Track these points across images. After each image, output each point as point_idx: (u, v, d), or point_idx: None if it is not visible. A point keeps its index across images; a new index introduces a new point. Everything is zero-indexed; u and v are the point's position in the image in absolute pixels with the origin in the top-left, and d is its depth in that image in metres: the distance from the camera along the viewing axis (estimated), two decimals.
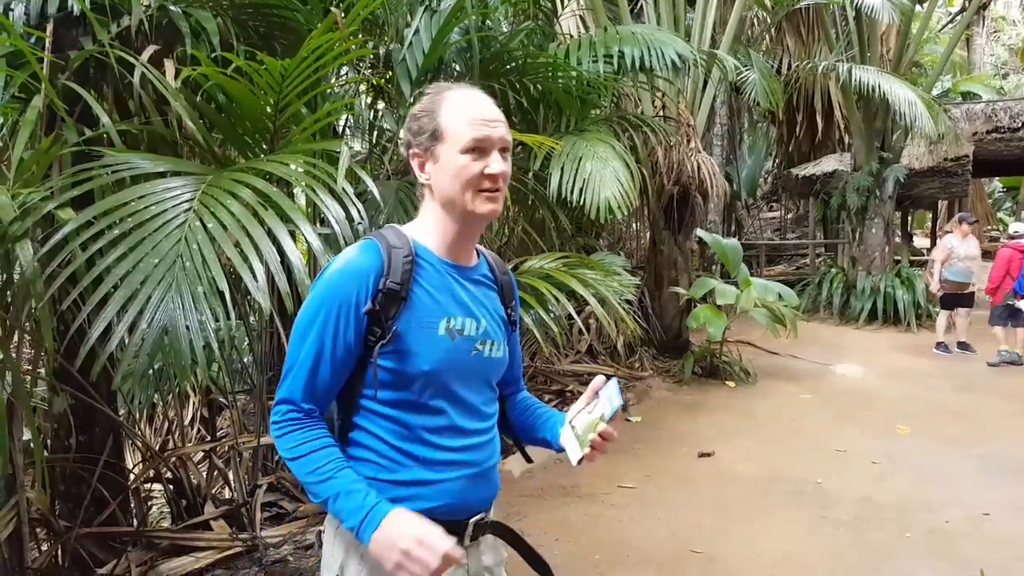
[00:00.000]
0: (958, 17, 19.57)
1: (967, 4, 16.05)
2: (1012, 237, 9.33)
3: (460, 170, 1.47)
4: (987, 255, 11.28)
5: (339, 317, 1.45)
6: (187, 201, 2.64)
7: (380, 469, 1.48)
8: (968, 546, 4.05)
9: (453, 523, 1.49)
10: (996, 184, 23.59)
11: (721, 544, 4.10)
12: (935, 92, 15.00)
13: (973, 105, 14.27)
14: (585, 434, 1.52)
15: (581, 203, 5.42)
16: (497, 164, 1.49)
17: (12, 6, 3.22)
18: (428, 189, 1.54)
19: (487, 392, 1.61)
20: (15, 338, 3.07)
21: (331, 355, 1.46)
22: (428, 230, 1.56)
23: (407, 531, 1.35)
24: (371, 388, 1.48)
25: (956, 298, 9.50)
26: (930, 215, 17.54)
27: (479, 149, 1.47)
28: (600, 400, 1.54)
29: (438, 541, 1.35)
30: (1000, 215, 23.12)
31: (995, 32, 26.99)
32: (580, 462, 1.52)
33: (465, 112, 1.49)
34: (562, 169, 5.48)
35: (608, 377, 1.59)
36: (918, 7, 12.34)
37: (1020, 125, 12.87)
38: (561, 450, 1.60)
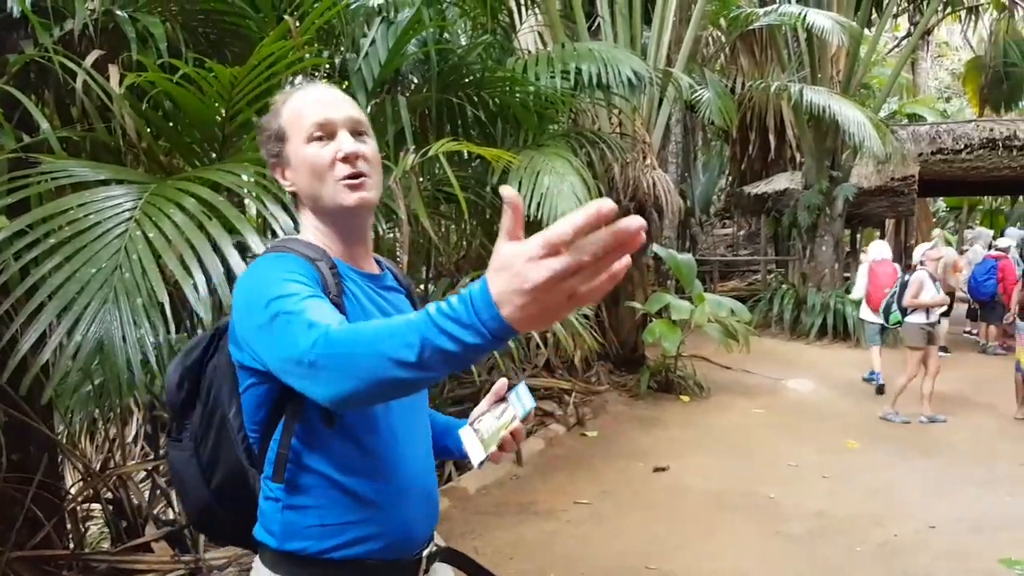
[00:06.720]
0: (904, 41, 20.21)
1: (912, 29, 16.58)
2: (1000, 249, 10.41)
3: (311, 162, 1.34)
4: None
5: (311, 284, 1.24)
6: (128, 210, 2.55)
7: (326, 513, 1.32)
8: (917, 560, 4.11)
9: (404, 563, 1.40)
10: (940, 204, 24.34)
11: (676, 560, 4.09)
12: (883, 113, 15.40)
13: (919, 127, 14.66)
14: (493, 435, 1.44)
15: (539, 217, 5.41)
16: (348, 143, 1.34)
17: None
18: (296, 198, 1.42)
19: (425, 405, 1.52)
20: None
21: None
22: (317, 241, 1.39)
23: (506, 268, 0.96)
24: (314, 414, 1.28)
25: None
26: (878, 233, 17.94)
27: (324, 135, 1.35)
28: (509, 404, 1.46)
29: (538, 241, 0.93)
30: (944, 233, 23.83)
31: (939, 57, 27.92)
32: (482, 464, 1.44)
33: (301, 102, 1.37)
34: (520, 183, 5.46)
35: (511, 382, 1.51)
36: (867, 31, 12.69)
37: (963, 147, 13.24)
38: (464, 456, 1.50)
